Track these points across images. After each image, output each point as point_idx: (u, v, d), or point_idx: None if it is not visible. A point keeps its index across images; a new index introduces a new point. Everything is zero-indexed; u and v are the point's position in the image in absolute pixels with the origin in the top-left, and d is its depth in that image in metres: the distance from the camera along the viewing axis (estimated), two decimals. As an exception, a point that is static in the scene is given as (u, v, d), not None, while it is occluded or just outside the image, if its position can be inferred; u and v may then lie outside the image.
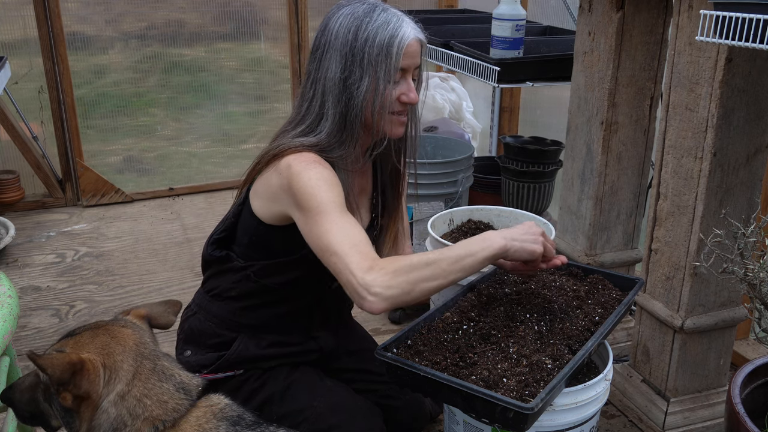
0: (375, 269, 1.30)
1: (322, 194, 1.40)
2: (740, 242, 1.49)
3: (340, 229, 1.37)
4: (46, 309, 2.76)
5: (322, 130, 1.50)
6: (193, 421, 1.22)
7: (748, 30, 1.29)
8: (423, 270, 1.32)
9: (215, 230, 1.68)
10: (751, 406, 1.48)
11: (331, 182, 1.44)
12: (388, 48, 1.45)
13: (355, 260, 1.32)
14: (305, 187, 1.41)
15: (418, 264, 1.32)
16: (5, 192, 3.58)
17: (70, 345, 1.22)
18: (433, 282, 1.33)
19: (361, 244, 1.35)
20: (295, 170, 1.44)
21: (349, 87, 1.47)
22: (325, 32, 1.50)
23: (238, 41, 3.95)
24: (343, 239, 1.35)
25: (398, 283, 1.30)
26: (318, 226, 1.38)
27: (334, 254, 1.34)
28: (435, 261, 1.33)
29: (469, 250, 1.36)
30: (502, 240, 1.39)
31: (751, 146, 1.75)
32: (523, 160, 3.04)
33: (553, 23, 3.31)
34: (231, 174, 4.05)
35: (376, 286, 1.28)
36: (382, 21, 1.46)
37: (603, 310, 1.58)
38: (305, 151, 1.49)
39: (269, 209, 1.53)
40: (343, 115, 1.49)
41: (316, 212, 1.39)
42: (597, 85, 2.11)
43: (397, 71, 1.48)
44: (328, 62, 1.48)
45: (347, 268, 1.32)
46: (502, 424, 1.28)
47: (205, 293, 1.70)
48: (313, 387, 1.66)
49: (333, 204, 1.40)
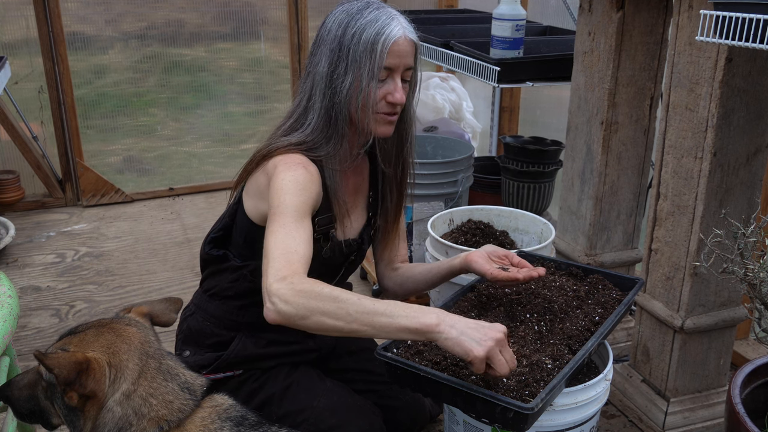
0: (286, 280, 1.25)
1: (286, 196, 1.40)
2: (740, 242, 1.49)
3: (285, 235, 1.34)
4: (46, 309, 2.76)
5: (309, 123, 1.52)
6: (198, 422, 1.22)
7: (748, 30, 1.29)
8: (328, 303, 1.23)
9: (212, 229, 1.69)
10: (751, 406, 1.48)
11: (303, 187, 1.43)
12: (373, 45, 1.45)
13: (276, 266, 1.29)
14: (276, 187, 1.43)
15: (327, 296, 1.23)
16: (5, 192, 3.58)
17: (74, 343, 1.22)
18: (332, 320, 1.23)
19: (293, 254, 1.31)
20: (278, 171, 1.46)
21: (334, 81, 1.48)
22: (321, 28, 1.53)
23: (238, 41, 3.95)
24: (279, 244, 1.33)
25: (296, 303, 1.23)
26: (269, 225, 1.38)
27: (266, 255, 1.33)
28: (345, 300, 1.23)
29: (389, 311, 1.22)
30: (435, 319, 1.20)
31: (751, 146, 1.75)
32: (523, 160, 3.04)
33: (553, 23, 3.31)
34: (231, 174, 4.01)
35: (275, 296, 1.24)
36: (371, 18, 1.46)
37: (603, 310, 1.58)
38: (293, 152, 1.50)
39: (257, 209, 1.55)
40: (328, 110, 1.50)
41: (273, 212, 1.39)
42: (597, 85, 2.11)
43: (381, 69, 1.47)
44: (319, 57, 1.51)
45: (266, 272, 1.29)
46: (502, 424, 1.28)
47: (203, 293, 1.70)
48: (312, 387, 1.66)
49: (292, 208, 1.39)
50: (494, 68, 2.46)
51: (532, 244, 2.24)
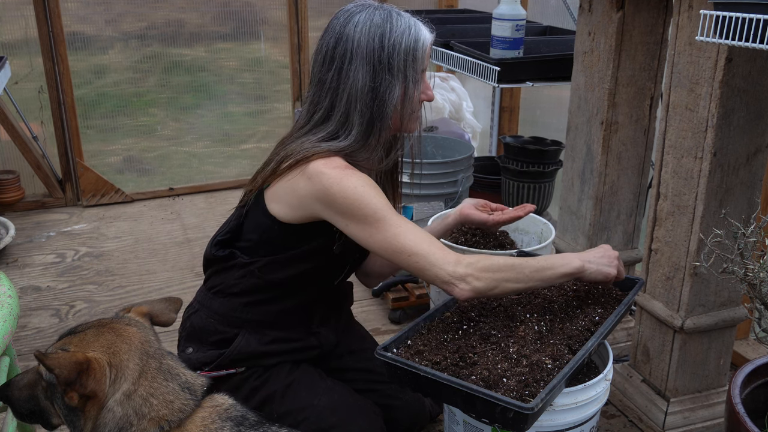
0: (462, 263, 1.41)
1: (374, 201, 1.45)
2: (740, 242, 1.49)
3: (410, 231, 1.45)
4: (46, 309, 2.76)
5: (347, 136, 1.52)
6: (198, 422, 1.22)
7: (748, 30, 1.29)
8: (508, 272, 1.43)
9: (219, 232, 1.68)
10: (751, 406, 1.48)
11: (373, 185, 1.48)
12: (414, 53, 1.51)
13: (440, 256, 1.42)
14: (353, 196, 1.44)
15: (504, 266, 1.44)
16: (5, 192, 3.58)
17: (74, 343, 1.22)
18: (515, 284, 1.44)
19: (435, 242, 1.46)
20: (333, 178, 1.46)
21: (382, 95, 1.50)
22: (344, 41, 1.50)
23: (238, 41, 3.95)
24: (417, 240, 1.44)
25: (486, 278, 1.41)
26: (383, 232, 1.44)
27: (415, 254, 1.43)
28: (519, 265, 1.45)
29: (550, 264, 1.47)
30: (579, 261, 1.50)
31: (751, 146, 1.75)
32: (523, 160, 3.04)
33: (553, 23, 3.31)
34: (231, 174, 4.06)
35: (469, 277, 1.41)
36: (404, 27, 1.51)
37: (603, 310, 1.58)
38: (332, 156, 1.50)
39: (294, 213, 1.54)
40: (371, 121, 1.52)
41: (374, 219, 1.44)
42: (597, 85, 2.11)
43: (422, 73, 1.54)
44: (355, 72, 1.49)
45: (435, 264, 1.42)
46: (502, 424, 1.28)
47: (207, 290, 1.70)
48: (313, 386, 1.66)
49: (388, 208, 1.46)
50: (494, 68, 2.46)
51: (532, 244, 2.24)
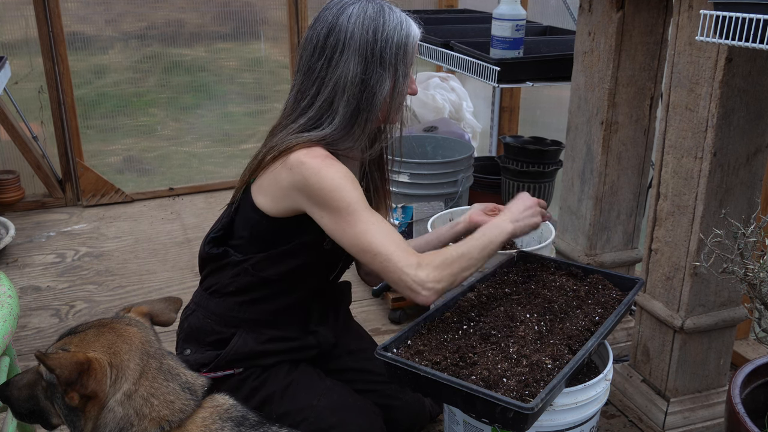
0: (423, 266, 1.44)
1: (348, 193, 1.45)
2: (740, 242, 1.49)
3: (378, 229, 1.45)
4: (46, 309, 2.76)
5: (329, 124, 1.53)
6: (199, 422, 1.22)
7: (748, 30, 1.29)
8: (460, 261, 1.48)
9: (212, 229, 1.69)
10: (751, 406, 1.48)
11: (351, 178, 1.48)
12: (405, 47, 1.53)
13: (402, 259, 1.44)
14: (329, 187, 1.44)
15: (455, 257, 1.48)
16: (5, 192, 3.58)
17: (75, 343, 1.22)
18: (468, 270, 1.50)
19: (400, 242, 1.46)
20: (312, 168, 1.46)
21: (372, 87, 1.51)
22: (337, 31, 1.51)
23: (238, 41, 3.95)
24: (383, 239, 1.44)
25: (445, 276, 1.45)
26: (352, 227, 1.44)
27: (378, 254, 1.44)
28: (467, 252, 1.50)
29: (489, 238, 1.54)
30: (510, 225, 1.58)
31: (751, 146, 1.75)
32: (523, 160, 3.04)
33: (553, 23, 3.31)
34: (231, 174, 4.05)
35: (428, 282, 1.43)
36: (396, 21, 1.53)
37: (603, 310, 1.58)
38: (314, 145, 1.50)
39: (277, 205, 1.54)
40: (356, 111, 1.52)
41: (346, 212, 1.44)
42: (597, 85, 2.11)
43: (411, 67, 1.56)
44: (345, 63, 1.50)
45: (397, 268, 1.43)
46: (502, 424, 1.28)
47: (203, 291, 1.70)
48: (313, 386, 1.66)
49: (361, 202, 1.46)
50: (494, 68, 2.46)
51: (532, 244, 2.24)
